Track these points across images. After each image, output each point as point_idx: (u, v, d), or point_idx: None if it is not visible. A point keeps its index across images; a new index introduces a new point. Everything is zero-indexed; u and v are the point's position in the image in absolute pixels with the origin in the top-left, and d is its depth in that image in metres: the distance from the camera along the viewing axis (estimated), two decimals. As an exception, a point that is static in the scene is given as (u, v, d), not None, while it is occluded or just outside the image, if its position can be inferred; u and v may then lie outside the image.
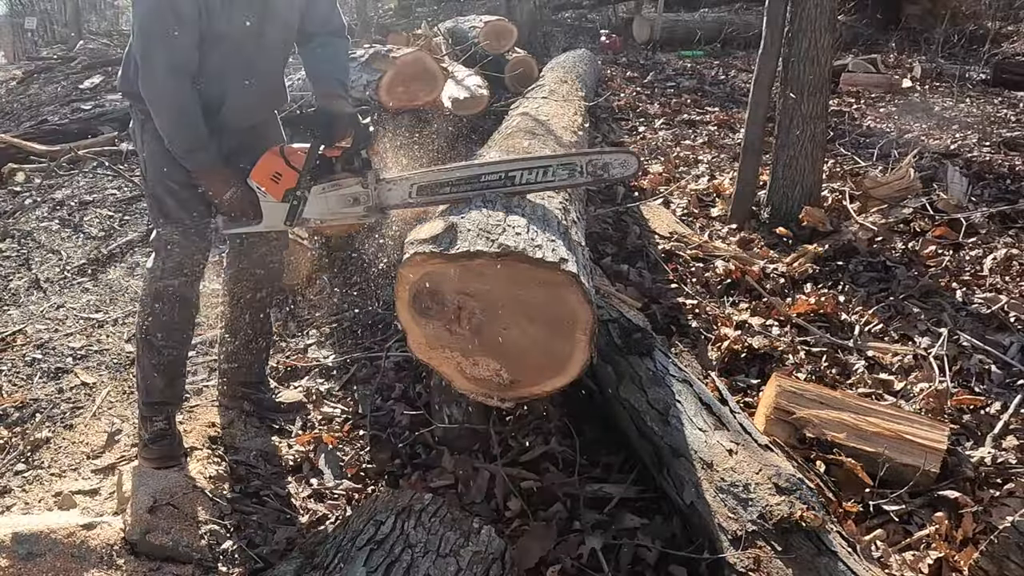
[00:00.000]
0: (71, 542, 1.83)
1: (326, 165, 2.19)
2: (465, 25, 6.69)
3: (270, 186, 2.16)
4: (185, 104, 2.05)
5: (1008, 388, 2.67)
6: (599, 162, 2.24)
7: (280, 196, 2.17)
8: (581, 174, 2.24)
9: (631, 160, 2.28)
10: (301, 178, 2.15)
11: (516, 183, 2.20)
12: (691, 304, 3.27)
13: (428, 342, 2.02)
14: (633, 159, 2.29)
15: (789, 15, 3.92)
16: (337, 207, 2.21)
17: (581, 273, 1.93)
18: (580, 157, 2.29)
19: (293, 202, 2.17)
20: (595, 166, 2.24)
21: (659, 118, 6.47)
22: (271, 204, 2.19)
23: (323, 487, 2.35)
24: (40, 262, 3.99)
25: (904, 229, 3.93)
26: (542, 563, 1.98)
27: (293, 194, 2.16)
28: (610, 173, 2.26)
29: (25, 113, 8.07)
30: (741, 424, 2.08)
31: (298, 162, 2.15)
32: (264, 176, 2.17)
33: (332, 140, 2.19)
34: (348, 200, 2.20)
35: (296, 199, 2.16)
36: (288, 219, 2.20)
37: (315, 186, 2.18)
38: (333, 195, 2.20)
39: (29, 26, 14.65)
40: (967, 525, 2.04)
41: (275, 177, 2.16)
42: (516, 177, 2.20)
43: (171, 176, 2.19)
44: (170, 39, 1.97)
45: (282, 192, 2.16)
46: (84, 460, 2.42)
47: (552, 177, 2.23)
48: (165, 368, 2.31)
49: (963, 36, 8.85)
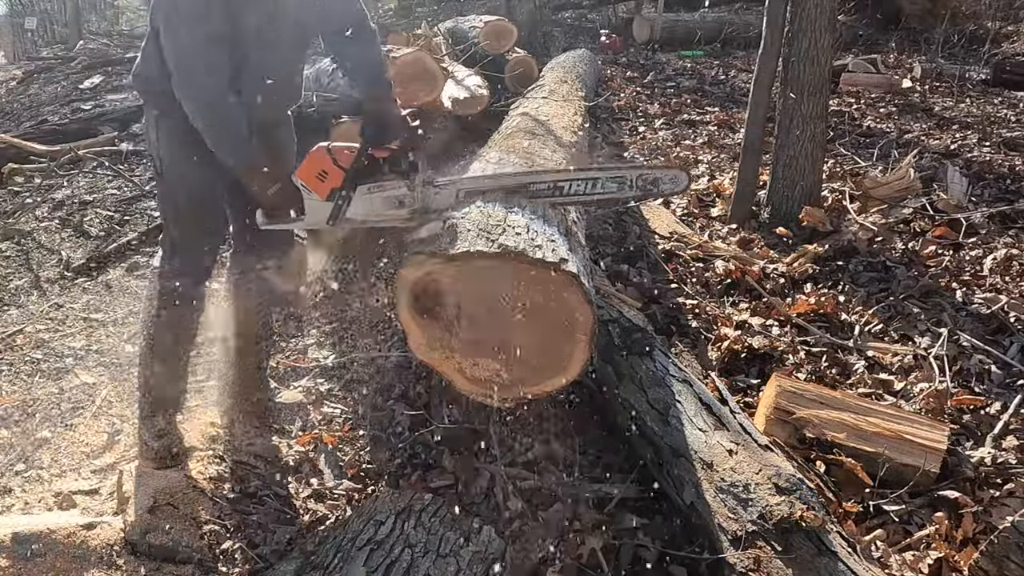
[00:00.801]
0: (71, 542, 1.83)
1: (373, 166, 2.15)
2: (465, 25, 6.69)
3: (315, 184, 2.12)
4: (225, 103, 2.03)
5: (1008, 388, 2.67)
6: (649, 177, 2.23)
7: (325, 195, 2.12)
8: (631, 188, 2.23)
9: (681, 176, 2.28)
10: (347, 178, 2.11)
11: (564, 193, 2.19)
12: (691, 304, 3.27)
13: (428, 342, 2.02)
14: (683, 175, 2.28)
15: (789, 15, 3.92)
16: (382, 209, 2.17)
17: (581, 273, 1.93)
18: (631, 171, 2.27)
19: (338, 201, 2.13)
20: (645, 180, 2.23)
21: (659, 118, 6.47)
22: (315, 202, 2.14)
23: (323, 487, 2.34)
24: (40, 262, 3.99)
25: (904, 229, 3.93)
26: (542, 563, 1.98)
27: (338, 193, 2.12)
28: (660, 188, 2.26)
29: (25, 113, 8.07)
30: (741, 424, 2.08)
31: (345, 161, 2.11)
32: (310, 174, 2.12)
33: (381, 142, 2.16)
34: (393, 202, 2.17)
35: (341, 199, 2.12)
36: (331, 218, 2.15)
37: (360, 187, 2.14)
38: (378, 196, 2.16)
39: (29, 26, 14.65)
40: (967, 525, 2.04)
41: (321, 175, 2.12)
42: (564, 187, 2.19)
43: (189, 176, 2.17)
44: (206, 39, 1.96)
45: (327, 191, 2.12)
46: (84, 460, 2.42)
47: (601, 189, 2.22)
48: (168, 367, 2.31)
49: (963, 36, 8.85)
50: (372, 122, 2.18)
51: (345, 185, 2.12)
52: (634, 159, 5.25)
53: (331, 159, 2.12)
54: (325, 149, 2.14)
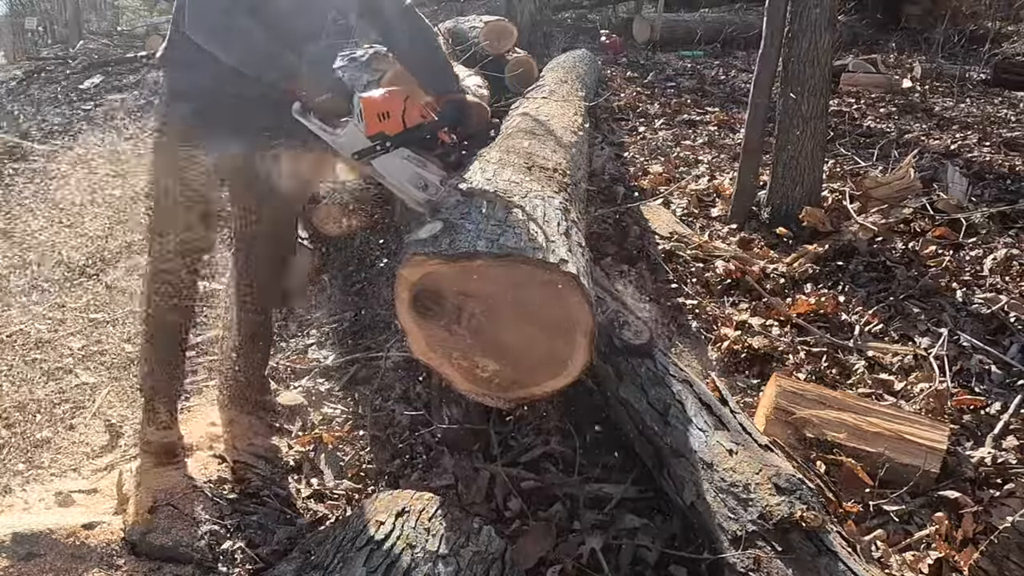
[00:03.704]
0: (71, 542, 1.83)
1: (431, 141, 2.12)
2: (465, 25, 6.68)
3: (371, 120, 2.04)
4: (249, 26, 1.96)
5: (1008, 388, 2.67)
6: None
7: (372, 133, 2.05)
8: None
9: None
10: (401, 134, 2.06)
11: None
12: (691, 304, 3.27)
13: (428, 343, 2.02)
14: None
15: (789, 15, 3.92)
16: (408, 180, 2.13)
17: (581, 274, 1.93)
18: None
19: (376, 146, 2.06)
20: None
21: (659, 118, 6.46)
22: (358, 131, 2.06)
23: (323, 487, 2.35)
24: (40, 262, 3.99)
25: (904, 229, 3.93)
26: (542, 563, 1.98)
27: (383, 140, 2.06)
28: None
29: (25, 113, 8.06)
30: (741, 424, 2.08)
31: (411, 118, 2.07)
32: (373, 109, 2.04)
33: (454, 126, 2.13)
34: (420, 182, 2.13)
35: (381, 146, 2.06)
36: (359, 154, 2.08)
37: (405, 149, 2.09)
38: (411, 169, 2.12)
39: (29, 26, 14.64)
40: (967, 525, 2.04)
41: (383, 116, 2.04)
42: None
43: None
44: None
45: (376, 131, 2.05)
46: (84, 460, 2.42)
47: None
48: (164, 356, 2.31)
49: (963, 36, 8.84)
50: (456, 108, 2.16)
51: (395, 139, 2.06)
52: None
53: (402, 109, 2.06)
54: (404, 97, 2.08)
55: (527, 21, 8.31)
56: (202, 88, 2.10)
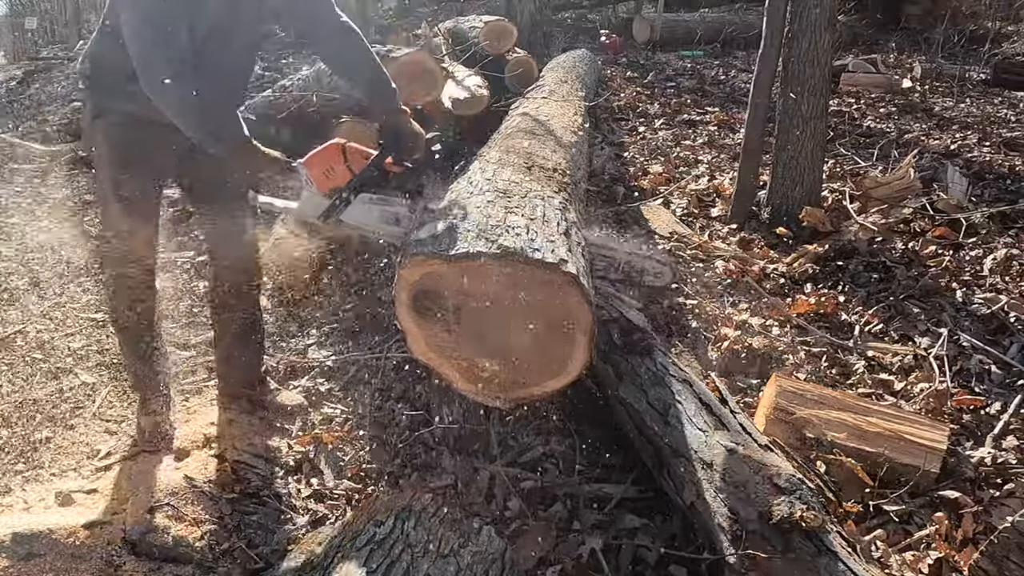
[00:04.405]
0: (71, 542, 1.83)
1: (381, 177, 2.12)
2: (465, 25, 6.68)
3: (320, 179, 2.07)
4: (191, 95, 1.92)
5: (1008, 388, 2.67)
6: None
7: (326, 191, 2.08)
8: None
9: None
10: (353, 181, 2.08)
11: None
12: (691, 304, 3.27)
13: (428, 343, 2.02)
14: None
15: (789, 15, 3.92)
16: (377, 221, 2.15)
17: (581, 274, 1.93)
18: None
19: (336, 201, 2.09)
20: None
21: (659, 118, 6.46)
22: (313, 195, 2.09)
23: (323, 487, 2.34)
24: (40, 262, 3.99)
25: (904, 229, 3.93)
26: (542, 563, 1.98)
27: (339, 194, 2.09)
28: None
29: (25, 113, 8.06)
30: (741, 424, 2.08)
31: (357, 164, 2.08)
32: (318, 168, 2.07)
33: (399, 156, 2.12)
34: (391, 218, 2.14)
35: (340, 199, 2.09)
36: (324, 216, 2.11)
37: (363, 194, 2.10)
38: (377, 208, 2.13)
39: (29, 26, 14.65)
40: (967, 525, 2.04)
41: (328, 172, 2.07)
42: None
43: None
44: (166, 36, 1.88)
45: (329, 188, 2.08)
46: (84, 460, 2.41)
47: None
48: (138, 353, 2.35)
49: (963, 36, 8.85)
50: (392, 135, 2.14)
51: (349, 188, 2.09)
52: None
53: (343, 158, 2.08)
54: (340, 147, 2.10)
55: (527, 21, 8.31)
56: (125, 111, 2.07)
